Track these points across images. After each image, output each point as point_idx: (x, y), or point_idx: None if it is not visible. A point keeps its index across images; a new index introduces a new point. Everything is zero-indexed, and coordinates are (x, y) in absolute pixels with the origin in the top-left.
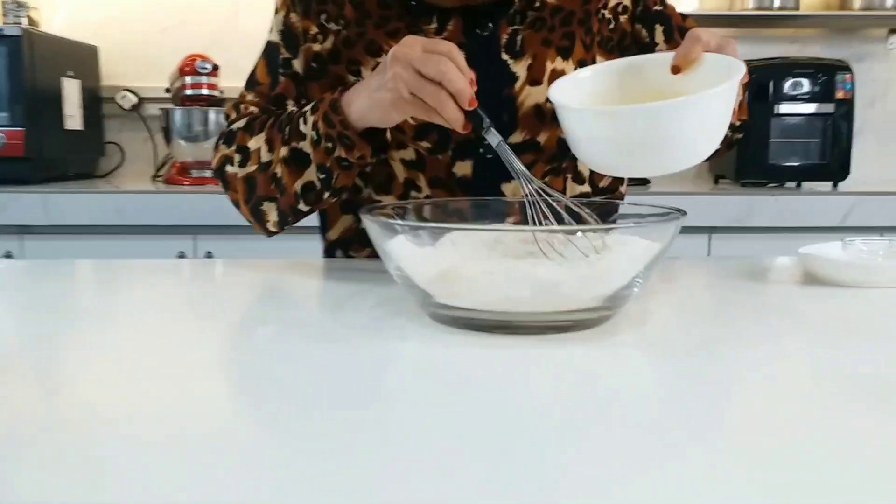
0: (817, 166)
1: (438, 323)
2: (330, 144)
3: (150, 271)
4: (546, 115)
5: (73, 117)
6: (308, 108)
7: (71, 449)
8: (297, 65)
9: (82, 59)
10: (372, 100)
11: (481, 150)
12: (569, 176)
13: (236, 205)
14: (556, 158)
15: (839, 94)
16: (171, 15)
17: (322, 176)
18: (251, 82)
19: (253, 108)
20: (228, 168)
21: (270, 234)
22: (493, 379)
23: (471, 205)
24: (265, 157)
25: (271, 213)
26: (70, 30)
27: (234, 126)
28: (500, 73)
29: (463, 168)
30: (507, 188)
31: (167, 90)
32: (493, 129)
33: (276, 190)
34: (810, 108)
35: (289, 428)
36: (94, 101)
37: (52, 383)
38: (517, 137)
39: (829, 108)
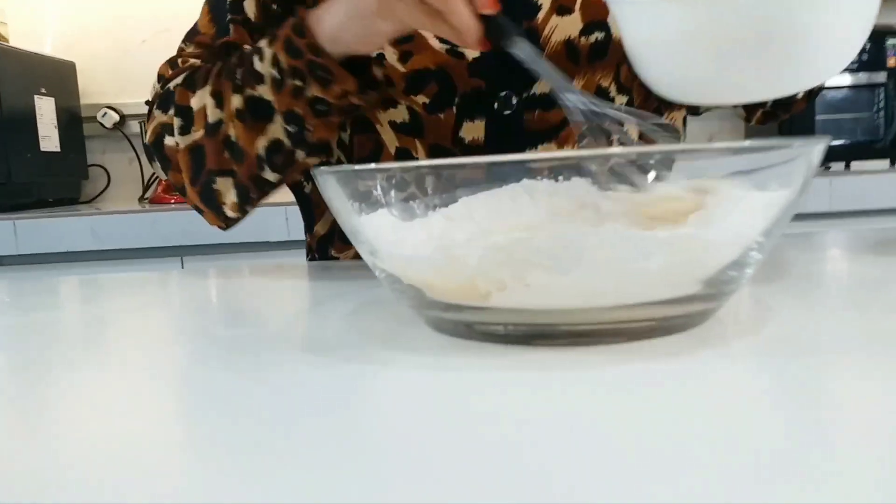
0: (868, 144)
1: (441, 334)
2: (297, 81)
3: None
4: (580, 54)
5: (49, 138)
6: (264, 41)
7: None
8: (250, 7)
9: (57, 75)
10: (350, 6)
11: (496, 106)
12: (615, 138)
13: (180, 189)
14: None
15: (890, 62)
16: (151, 25)
17: (291, 128)
18: (191, 33)
19: (194, 62)
20: (167, 140)
21: (229, 222)
22: (538, 424)
23: (479, 168)
24: (213, 115)
25: (228, 191)
26: (42, 45)
27: (171, 84)
28: (517, 1)
29: (473, 130)
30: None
31: (147, 102)
32: (525, 40)
33: (232, 158)
34: (858, 78)
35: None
36: (73, 120)
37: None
38: (542, 86)
39: (880, 77)
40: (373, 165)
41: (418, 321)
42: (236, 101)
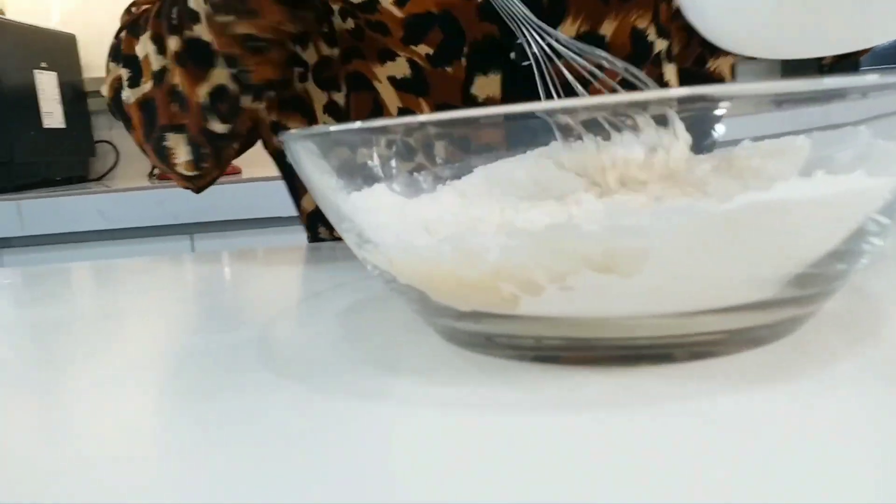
0: None
1: (455, 345)
2: (226, 18)
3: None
4: None
5: (52, 114)
6: None
7: None
8: None
9: (58, 48)
10: None
11: (513, 55)
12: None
13: (140, 146)
14: (629, 62)
15: None
16: None
17: (233, 69)
18: None
19: (147, 7)
20: (124, 94)
21: (194, 183)
22: (587, 473)
23: (497, 125)
24: (156, 63)
25: (179, 148)
26: (42, 17)
27: (122, 34)
28: None
29: (487, 86)
30: None
31: None
32: None
33: (180, 109)
34: None
35: None
36: (76, 95)
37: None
38: (567, 29)
39: None
40: (354, 125)
41: (426, 327)
42: (174, 44)
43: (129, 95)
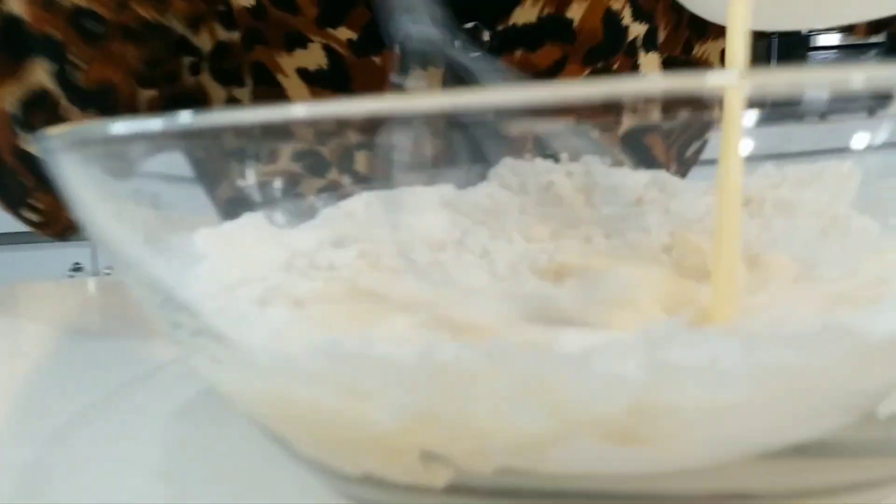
0: None
1: None
2: None
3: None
4: None
5: None
6: None
7: None
8: None
9: None
10: None
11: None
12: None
13: None
14: (600, 52)
15: None
16: None
17: (54, 65)
18: None
19: None
20: None
21: (39, 229)
22: None
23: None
24: None
25: None
26: None
27: None
28: None
29: (425, 81)
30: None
31: None
32: None
33: None
34: None
35: None
36: None
37: None
38: (527, 12)
39: None
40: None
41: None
42: None
43: None
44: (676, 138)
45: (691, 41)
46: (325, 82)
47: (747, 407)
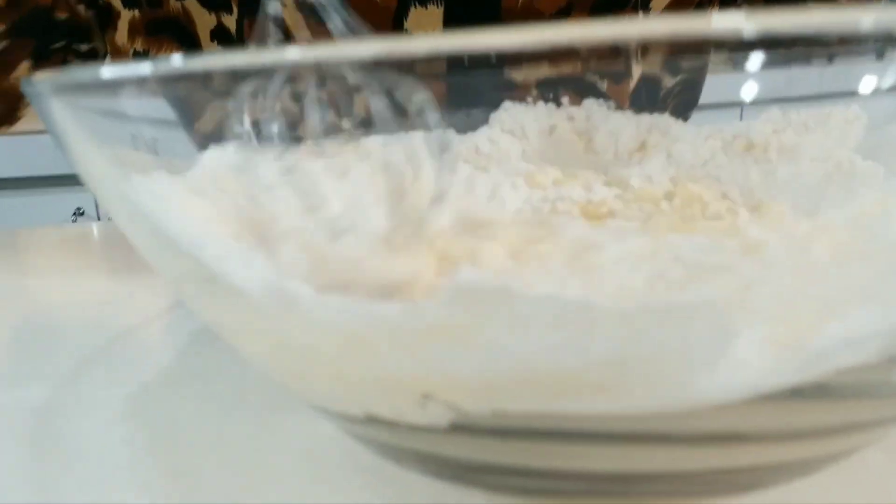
0: None
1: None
2: None
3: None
4: None
5: None
6: None
7: None
8: None
9: None
10: None
11: None
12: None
13: None
14: (607, 3)
15: None
16: None
17: None
18: None
19: None
20: None
21: None
22: None
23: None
24: None
25: None
26: None
27: None
28: None
29: (424, 20)
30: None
31: None
32: None
33: None
34: None
35: None
36: None
37: None
38: None
39: None
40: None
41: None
42: None
43: None
44: (679, 82)
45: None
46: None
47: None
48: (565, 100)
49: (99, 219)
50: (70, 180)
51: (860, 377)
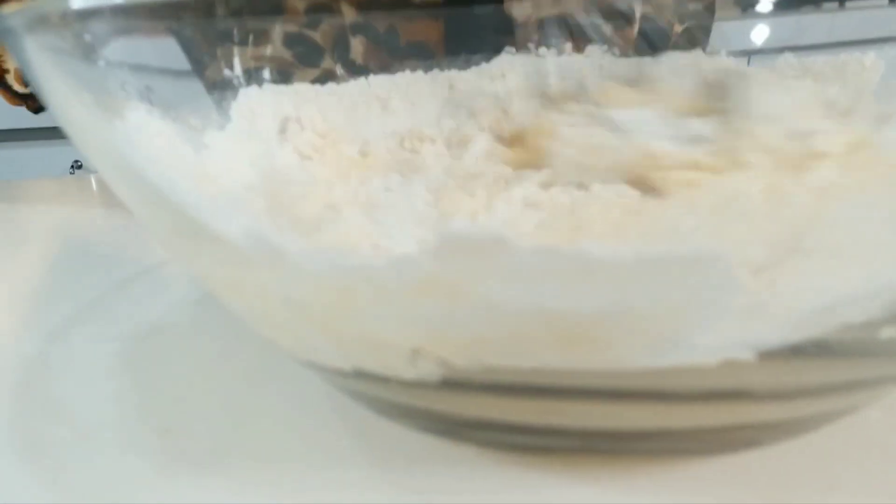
0: None
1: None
2: None
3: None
4: None
5: None
6: None
7: None
8: None
9: None
10: None
11: None
12: None
13: None
14: None
15: None
16: None
17: None
18: None
19: None
20: None
21: (27, 101)
22: None
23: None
24: None
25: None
26: None
27: None
28: None
29: None
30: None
31: None
32: None
33: None
34: None
35: None
36: None
37: None
38: None
39: None
40: None
41: None
42: None
43: None
44: (686, 29)
45: None
46: None
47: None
48: (568, 45)
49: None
50: None
51: (863, 334)
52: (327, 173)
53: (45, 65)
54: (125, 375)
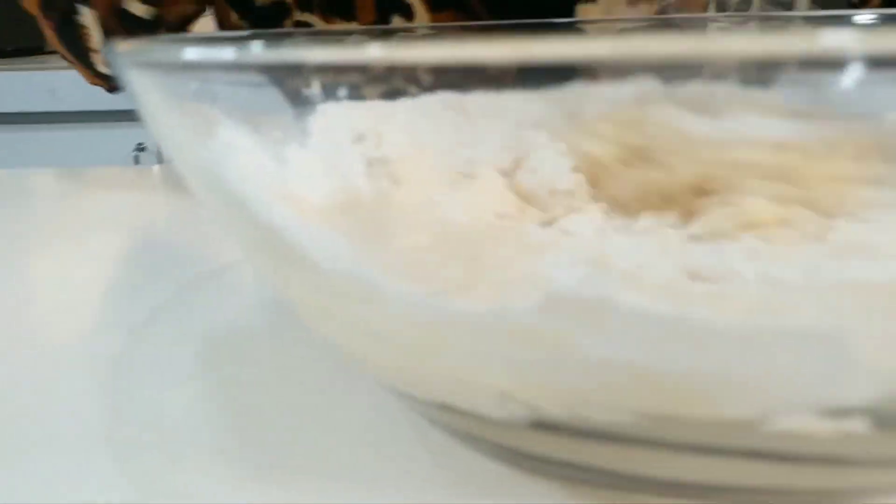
0: None
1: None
2: None
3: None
4: None
5: None
6: None
7: None
8: None
9: None
10: None
11: None
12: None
13: (39, 20)
14: None
15: None
16: None
17: None
18: None
19: None
20: None
21: (106, 81)
22: None
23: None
24: None
25: (96, 30)
26: None
27: None
28: None
29: None
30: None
31: None
32: None
33: None
34: None
35: None
36: None
37: None
38: None
39: None
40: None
41: None
42: None
43: None
44: None
45: None
46: None
47: None
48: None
49: (161, 154)
50: (132, 115)
51: None
52: (452, 202)
53: (149, 95)
54: (207, 378)
